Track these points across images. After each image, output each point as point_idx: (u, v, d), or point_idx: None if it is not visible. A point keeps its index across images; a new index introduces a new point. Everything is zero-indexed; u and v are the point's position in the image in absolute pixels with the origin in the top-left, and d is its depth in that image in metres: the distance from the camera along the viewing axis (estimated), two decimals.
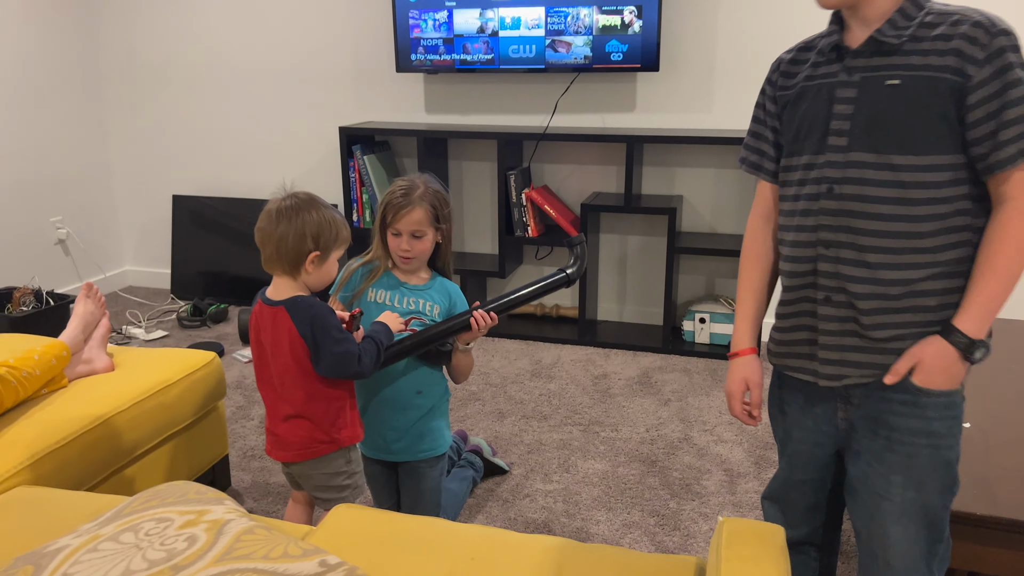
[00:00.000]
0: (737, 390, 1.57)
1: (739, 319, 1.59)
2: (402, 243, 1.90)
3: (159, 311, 4.15)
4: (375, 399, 1.99)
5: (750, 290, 1.58)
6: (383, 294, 1.96)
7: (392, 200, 1.89)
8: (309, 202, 1.74)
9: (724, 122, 3.50)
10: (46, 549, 1.26)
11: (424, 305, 1.96)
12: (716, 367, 3.39)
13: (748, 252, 1.60)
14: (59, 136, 4.11)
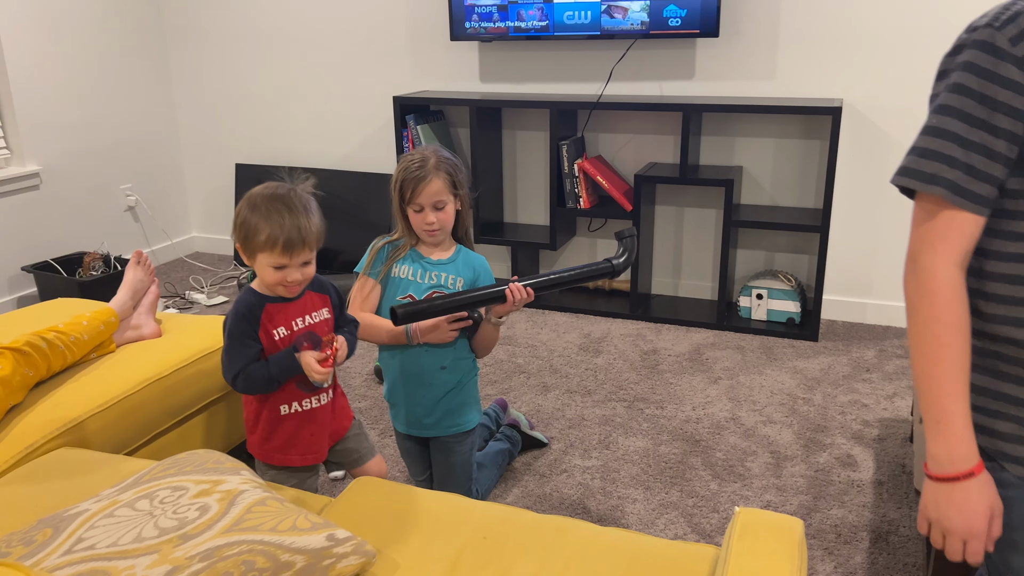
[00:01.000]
0: (984, 525, 1.06)
1: (954, 416, 1.05)
2: (426, 216, 1.87)
3: (221, 277, 4.27)
4: (401, 375, 1.99)
5: (962, 371, 1.05)
6: (406, 269, 1.94)
7: (408, 175, 1.86)
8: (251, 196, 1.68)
9: (788, 89, 3.35)
10: (66, 513, 1.31)
11: (447, 279, 1.94)
12: (771, 345, 3.29)
13: (950, 315, 1.04)
14: (128, 106, 4.24)
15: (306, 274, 1.68)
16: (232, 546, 1.22)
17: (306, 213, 1.64)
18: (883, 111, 3.23)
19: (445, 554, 1.39)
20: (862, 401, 2.82)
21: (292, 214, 1.62)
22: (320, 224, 1.67)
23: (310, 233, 1.64)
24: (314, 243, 1.66)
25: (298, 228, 1.61)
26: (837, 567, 2.01)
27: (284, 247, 1.61)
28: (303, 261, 1.66)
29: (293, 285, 1.67)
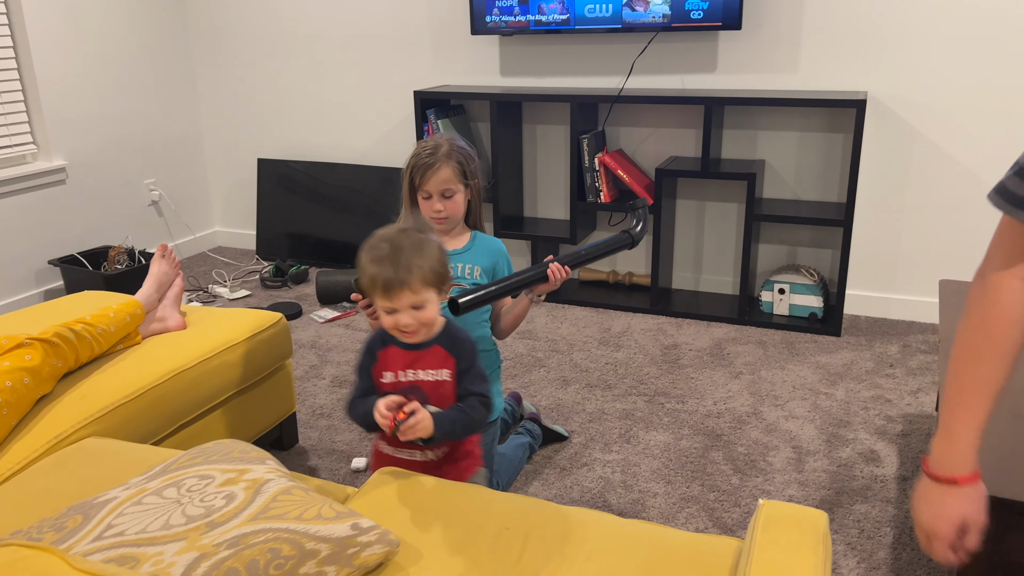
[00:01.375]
0: (948, 532, 1.10)
1: (960, 426, 1.09)
2: (434, 204, 1.88)
3: (244, 271, 4.30)
4: None
5: (987, 388, 1.06)
6: None
7: (418, 162, 1.86)
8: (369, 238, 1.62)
9: (811, 82, 3.32)
10: (96, 500, 1.33)
11: (462, 269, 1.95)
12: (794, 340, 3.27)
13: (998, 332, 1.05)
14: (152, 101, 4.28)
15: (419, 318, 1.57)
16: (258, 534, 1.24)
17: (414, 252, 1.53)
18: (908, 104, 3.19)
19: (467, 544, 1.40)
20: (885, 396, 2.80)
21: (394, 253, 1.52)
22: (432, 265, 1.54)
23: (409, 274, 1.51)
24: (418, 284, 1.53)
25: (395, 268, 1.51)
26: (860, 562, 2.00)
27: (383, 289, 1.53)
28: (410, 304, 1.55)
29: (407, 330, 1.58)
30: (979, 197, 3.18)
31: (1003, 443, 1.57)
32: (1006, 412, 1.68)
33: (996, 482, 1.46)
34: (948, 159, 3.19)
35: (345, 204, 4.25)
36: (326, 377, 3.06)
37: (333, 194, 4.27)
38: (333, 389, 2.96)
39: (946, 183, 3.22)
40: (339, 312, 3.66)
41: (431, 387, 1.63)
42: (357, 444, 2.59)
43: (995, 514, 1.45)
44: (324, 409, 2.82)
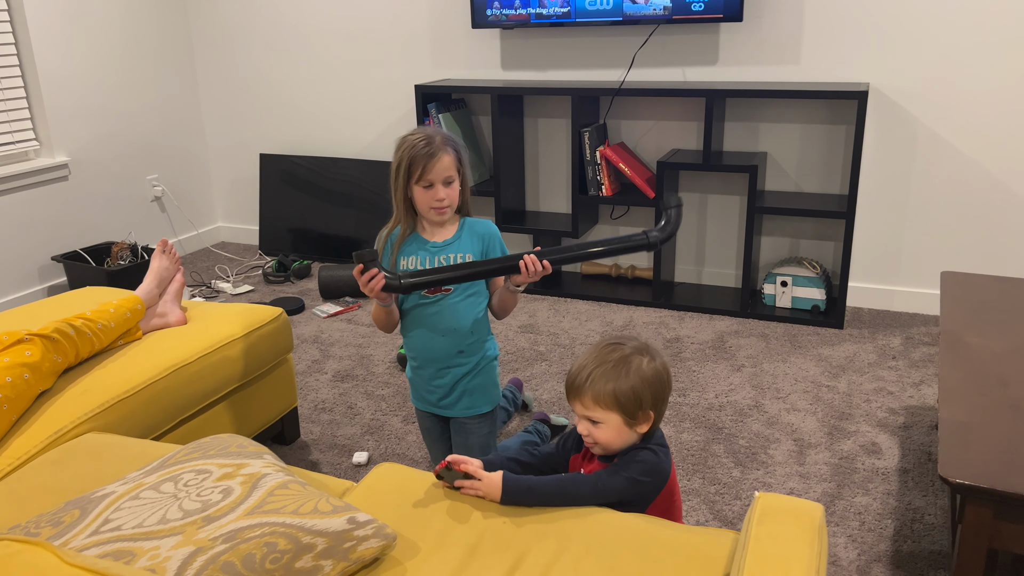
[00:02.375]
0: None
1: None
2: (437, 193, 1.87)
3: (247, 266, 4.31)
4: (421, 357, 2.01)
5: None
6: (413, 260, 1.96)
7: (416, 153, 1.85)
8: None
9: (813, 74, 3.30)
10: (94, 495, 1.33)
11: (454, 259, 1.95)
12: (796, 332, 3.26)
13: None
14: (155, 97, 4.28)
15: (597, 437, 1.58)
16: (254, 528, 1.24)
17: (614, 366, 1.53)
18: (910, 95, 3.18)
19: (465, 538, 1.40)
20: (888, 389, 2.79)
21: (596, 360, 1.55)
22: (624, 387, 1.52)
23: (588, 384, 1.54)
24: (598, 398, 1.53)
25: (580, 372, 1.56)
26: (861, 554, 1.99)
27: (567, 386, 1.60)
28: (586, 415, 1.56)
29: (585, 436, 1.59)
30: (982, 188, 3.16)
31: (1000, 435, 1.57)
32: (1004, 404, 1.68)
33: (993, 474, 1.46)
34: (951, 150, 3.18)
35: (347, 199, 4.25)
36: (328, 372, 3.06)
37: (335, 189, 4.27)
38: (335, 384, 2.96)
39: (948, 174, 3.21)
40: (342, 307, 3.66)
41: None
42: (359, 438, 2.60)
43: (992, 506, 1.45)
44: (326, 404, 2.82)
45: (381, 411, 2.76)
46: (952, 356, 1.90)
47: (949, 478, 1.46)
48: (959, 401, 1.70)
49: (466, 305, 1.99)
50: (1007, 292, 2.27)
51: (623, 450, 1.57)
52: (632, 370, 1.52)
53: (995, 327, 2.04)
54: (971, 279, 2.38)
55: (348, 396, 2.87)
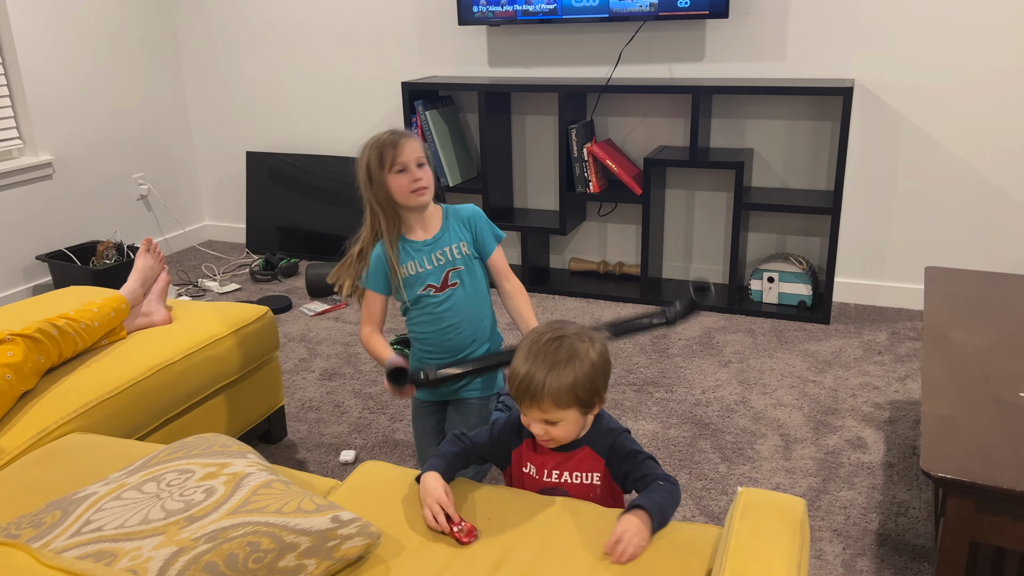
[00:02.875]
0: None
1: None
2: (413, 174, 1.86)
3: (234, 265, 4.29)
4: (437, 349, 1.99)
5: None
6: (413, 266, 1.95)
7: (382, 141, 1.86)
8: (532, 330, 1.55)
9: (799, 70, 3.31)
10: (75, 496, 1.33)
11: (452, 251, 1.94)
12: (783, 328, 3.27)
13: None
14: (140, 96, 4.25)
15: (554, 435, 1.49)
16: (237, 527, 1.24)
17: (565, 364, 1.43)
18: (895, 91, 3.19)
19: (450, 536, 1.40)
20: (873, 383, 2.81)
21: (543, 361, 1.43)
22: (581, 381, 1.43)
23: (545, 389, 1.42)
24: (550, 406, 1.43)
25: (532, 378, 1.42)
26: (846, 548, 2.00)
27: (517, 392, 1.45)
28: (543, 418, 1.46)
29: (542, 436, 1.50)
30: (967, 184, 3.18)
31: (982, 429, 1.58)
32: (987, 398, 1.69)
33: (975, 468, 1.47)
34: (936, 146, 3.19)
35: (335, 196, 4.24)
36: (315, 370, 3.05)
37: (323, 187, 4.26)
38: (322, 382, 2.96)
39: (934, 170, 3.22)
40: (329, 305, 3.65)
41: (578, 490, 1.54)
42: (346, 436, 2.59)
43: (974, 499, 1.47)
44: (313, 402, 2.82)
45: (369, 409, 2.76)
46: (935, 351, 1.91)
47: (931, 472, 1.47)
48: (942, 395, 1.71)
49: (477, 294, 1.99)
50: (991, 287, 2.29)
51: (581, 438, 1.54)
52: (581, 361, 1.45)
53: (978, 322, 2.05)
54: (955, 274, 2.39)
55: (335, 394, 2.87)
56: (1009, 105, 3.05)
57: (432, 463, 1.51)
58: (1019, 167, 3.10)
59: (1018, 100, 3.04)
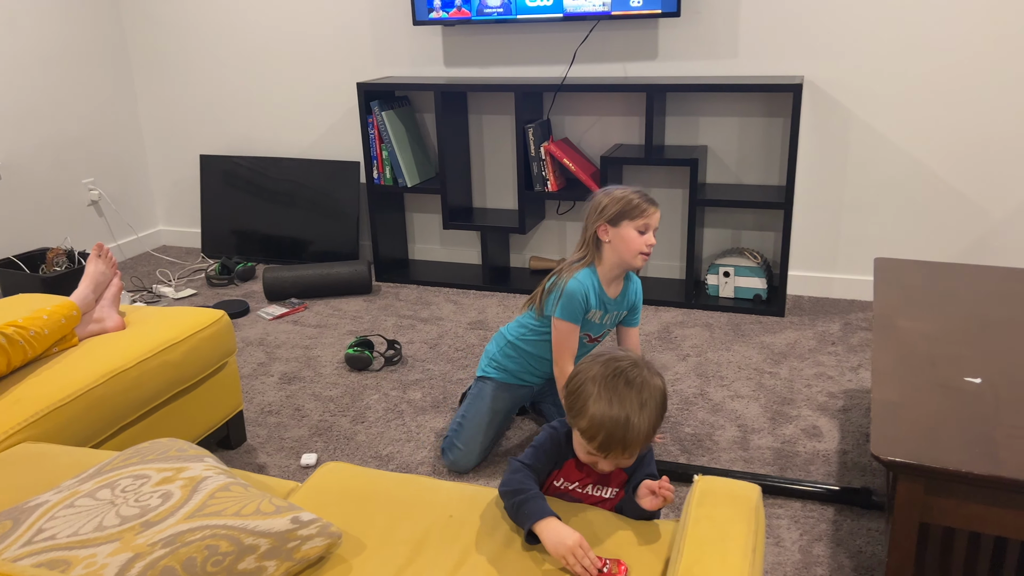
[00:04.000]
0: None
1: None
2: (649, 238, 2.11)
3: (189, 270, 4.23)
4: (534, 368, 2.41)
5: None
6: (596, 315, 2.17)
7: (640, 199, 2.10)
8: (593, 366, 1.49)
9: (750, 68, 3.37)
10: (26, 505, 1.30)
11: (616, 316, 2.27)
12: (739, 321, 3.33)
13: None
14: (89, 100, 4.17)
15: (623, 465, 1.50)
16: (195, 531, 1.23)
17: (648, 403, 1.41)
18: (843, 87, 3.26)
19: (411, 534, 1.40)
20: (827, 374, 2.87)
21: (631, 402, 1.39)
22: (653, 423, 1.43)
23: (641, 436, 1.40)
24: (637, 448, 1.44)
25: (628, 425, 1.38)
26: (803, 534, 2.05)
27: (607, 440, 1.40)
28: (618, 464, 1.48)
29: (604, 469, 1.49)
30: (914, 177, 3.27)
31: (930, 413, 1.63)
32: (934, 383, 1.74)
33: (923, 451, 1.51)
34: (883, 140, 3.27)
35: (291, 199, 4.20)
36: (274, 374, 3.03)
37: (278, 189, 4.22)
38: (281, 386, 2.93)
39: (882, 164, 3.31)
40: (287, 308, 3.62)
41: (596, 502, 1.55)
42: (307, 440, 2.57)
43: (922, 481, 1.51)
44: (273, 406, 2.79)
45: (329, 412, 2.74)
46: (884, 339, 1.96)
47: (881, 456, 1.50)
48: (891, 382, 1.76)
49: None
50: (937, 277, 2.36)
51: None
52: (651, 395, 1.42)
53: (925, 310, 2.11)
54: (903, 265, 2.46)
55: (295, 398, 2.84)
56: (952, 100, 3.14)
57: (541, 507, 1.36)
58: (962, 160, 3.19)
59: (960, 95, 3.13)
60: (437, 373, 2.98)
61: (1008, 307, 2.12)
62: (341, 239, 4.11)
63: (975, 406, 1.65)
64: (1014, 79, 3.05)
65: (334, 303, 3.70)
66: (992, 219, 3.23)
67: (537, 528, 1.33)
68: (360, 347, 3.05)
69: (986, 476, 1.45)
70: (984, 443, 1.53)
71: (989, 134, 3.14)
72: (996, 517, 1.50)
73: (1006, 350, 1.89)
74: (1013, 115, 3.09)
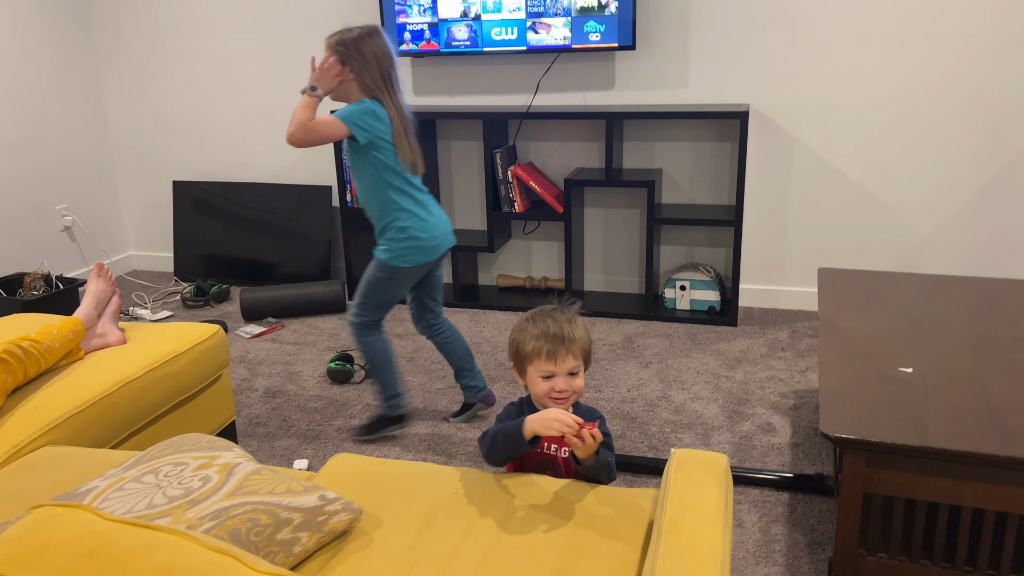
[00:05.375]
0: None
1: None
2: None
3: (164, 293, 4.32)
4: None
5: None
6: None
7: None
8: (520, 319, 1.78)
9: (700, 97, 3.64)
10: (78, 490, 1.44)
11: None
12: (696, 331, 3.56)
13: None
14: (62, 127, 4.26)
15: (573, 386, 1.69)
16: (237, 507, 1.38)
17: (569, 323, 1.71)
18: (786, 115, 3.56)
19: (421, 510, 1.57)
20: (778, 376, 3.11)
21: (556, 323, 1.69)
22: (585, 337, 1.71)
23: (572, 339, 1.68)
24: (579, 352, 1.69)
25: (559, 335, 1.67)
26: (762, 517, 2.26)
27: (548, 354, 1.66)
28: (569, 370, 1.68)
29: (561, 396, 1.69)
30: (851, 196, 3.57)
31: (869, 398, 1.86)
32: (872, 374, 1.98)
33: (864, 429, 1.74)
34: (823, 163, 3.57)
35: (263, 223, 4.33)
36: (259, 389, 3.15)
37: (251, 213, 4.35)
38: (267, 399, 3.06)
39: (822, 183, 3.60)
40: (265, 327, 3.74)
41: (567, 463, 1.74)
42: (297, 448, 2.71)
43: (864, 455, 1.74)
44: (260, 418, 2.92)
45: (316, 422, 2.88)
46: (829, 337, 2.20)
47: (829, 433, 1.73)
48: (835, 373, 1.99)
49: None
50: (874, 283, 2.62)
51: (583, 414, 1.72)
52: (580, 324, 1.73)
53: (864, 312, 2.37)
54: (844, 274, 2.72)
55: (281, 410, 2.98)
56: (884, 127, 3.46)
57: (516, 422, 1.63)
58: (892, 178, 3.50)
59: (891, 122, 3.44)
60: (416, 384, 3.14)
61: (934, 308, 2.39)
62: (313, 261, 4.26)
63: (907, 391, 1.89)
64: (939, 109, 3.38)
65: (310, 322, 3.84)
66: (920, 233, 3.54)
67: (526, 428, 1.60)
68: (341, 361, 3.20)
69: (917, 447, 1.68)
70: (915, 421, 1.76)
71: (916, 157, 3.46)
72: (927, 484, 1.73)
73: (933, 344, 2.14)
74: (937, 141, 3.41)
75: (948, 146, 3.41)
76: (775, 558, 2.09)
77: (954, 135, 3.39)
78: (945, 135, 3.40)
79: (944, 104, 3.37)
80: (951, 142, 3.40)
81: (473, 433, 2.75)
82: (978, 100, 3.33)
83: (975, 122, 3.35)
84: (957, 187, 3.45)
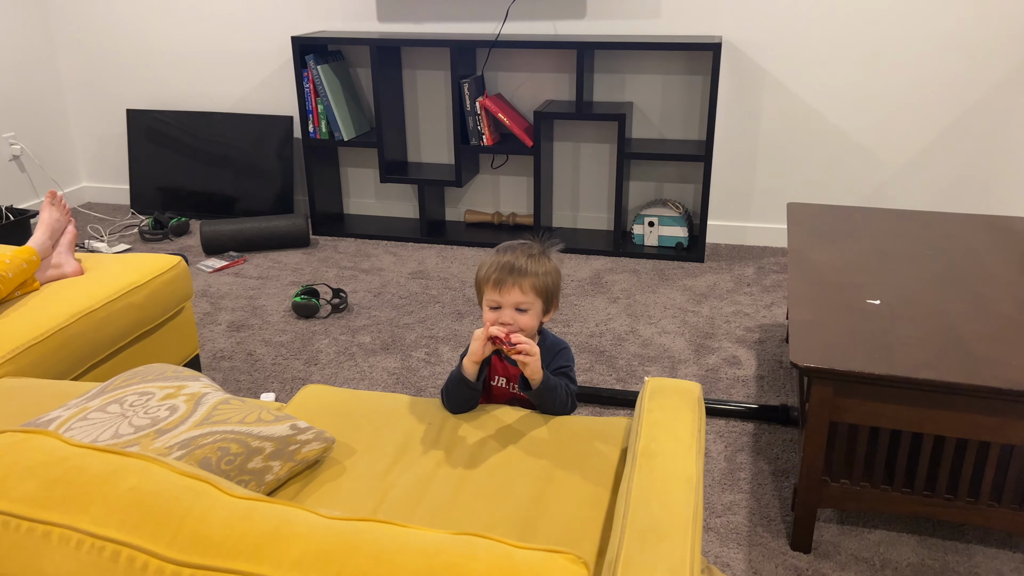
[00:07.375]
0: None
1: None
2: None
3: (120, 226, 4.20)
4: None
5: None
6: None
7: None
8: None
9: (672, 27, 3.58)
10: (40, 419, 1.39)
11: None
12: (663, 267, 3.57)
13: None
14: (4, 50, 4.05)
15: (519, 321, 1.63)
16: (206, 436, 1.35)
17: (530, 259, 1.65)
18: (758, 48, 3.51)
19: (394, 439, 1.56)
20: (744, 311, 3.14)
21: (515, 256, 1.65)
22: (546, 276, 1.65)
23: (524, 273, 1.62)
24: (529, 287, 1.63)
25: (512, 265, 1.62)
26: (727, 446, 2.30)
27: (495, 282, 1.63)
28: (516, 304, 1.63)
29: (508, 325, 1.63)
30: (821, 132, 3.56)
31: (838, 329, 1.88)
32: (841, 305, 2.00)
33: (833, 358, 1.76)
34: (793, 98, 3.55)
35: (222, 155, 4.21)
36: (222, 323, 3.10)
37: (209, 145, 4.21)
38: (231, 333, 3.01)
39: (793, 119, 3.59)
40: (227, 261, 3.67)
41: (509, 396, 1.75)
42: (263, 381, 2.68)
43: (832, 384, 1.76)
44: (224, 352, 2.87)
45: (282, 356, 2.85)
46: (799, 270, 2.21)
47: (799, 363, 1.75)
48: (805, 304, 2.01)
49: None
50: (843, 217, 2.63)
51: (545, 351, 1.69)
52: (549, 263, 1.70)
53: (833, 246, 2.38)
54: (813, 208, 2.73)
55: (246, 344, 2.93)
56: (854, 62, 3.44)
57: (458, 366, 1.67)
58: (863, 114, 3.50)
59: (862, 58, 3.42)
60: (384, 319, 3.11)
61: (901, 242, 2.41)
62: (274, 194, 4.16)
63: (874, 322, 1.91)
64: (910, 44, 3.36)
65: (273, 256, 3.77)
66: (888, 169, 3.56)
67: (464, 364, 1.63)
68: (307, 295, 3.15)
69: (883, 375, 1.71)
70: (882, 351, 1.79)
71: (886, 94, 3.45)
72: (892, 412, 1.76)
73: (899, 277, 2.17)
74: (907, 77, 3.40)
75: (919, 83, 3.41)
76: (740, 486, 2.14)
77: (925, 72, 3.39)
78: (916, 72, 3.40)
79: (915, 42, 3.35)
80: (922, 79, 3.40)
81: (442, 368, 2.74)
82: (949, 38, 3.32)
83: (946, 60, 3.35)
84: (926, 124, 3.46)
